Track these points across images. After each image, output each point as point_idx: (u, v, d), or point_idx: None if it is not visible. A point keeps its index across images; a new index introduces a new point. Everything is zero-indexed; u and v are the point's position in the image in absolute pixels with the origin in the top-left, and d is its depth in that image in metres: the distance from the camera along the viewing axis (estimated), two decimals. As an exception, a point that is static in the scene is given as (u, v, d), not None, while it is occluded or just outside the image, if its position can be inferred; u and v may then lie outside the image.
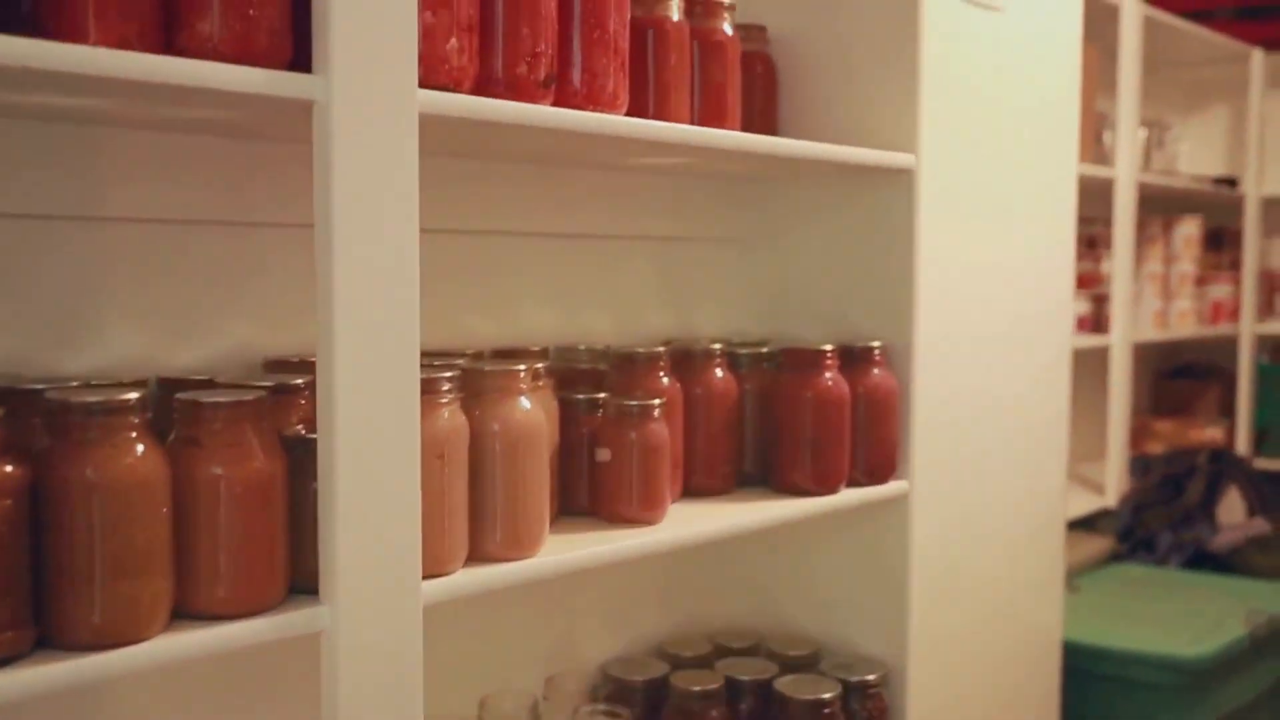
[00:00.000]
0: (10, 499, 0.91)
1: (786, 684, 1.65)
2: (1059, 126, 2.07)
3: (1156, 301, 3.79)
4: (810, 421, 1.59)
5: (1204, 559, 3.23)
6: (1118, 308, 3.40)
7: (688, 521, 1.45)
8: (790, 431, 1.60)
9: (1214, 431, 3.97)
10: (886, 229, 1.72)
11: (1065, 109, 2.09)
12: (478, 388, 1.24)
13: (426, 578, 1.15)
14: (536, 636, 1.69)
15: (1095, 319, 3.49)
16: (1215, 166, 4.20)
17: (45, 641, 0.95)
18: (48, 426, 0.97)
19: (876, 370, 1.66)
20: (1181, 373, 4.23)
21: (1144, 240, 3.75)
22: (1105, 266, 3.50)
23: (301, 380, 1.17)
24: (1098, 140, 3.55)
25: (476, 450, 1.22)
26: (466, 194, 1.56)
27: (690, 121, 1.50)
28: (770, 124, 1.78)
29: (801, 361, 1.60)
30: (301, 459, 1.09)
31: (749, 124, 1.67)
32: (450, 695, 1.53)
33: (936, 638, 1.79)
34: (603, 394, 1.46)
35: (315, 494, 1.09)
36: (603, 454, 1.41)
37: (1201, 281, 3.95)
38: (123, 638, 0.96)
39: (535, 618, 1.69)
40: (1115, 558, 3.26)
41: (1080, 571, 3.06)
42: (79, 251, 1.22)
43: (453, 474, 1.18)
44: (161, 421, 1.17)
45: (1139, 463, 3.61)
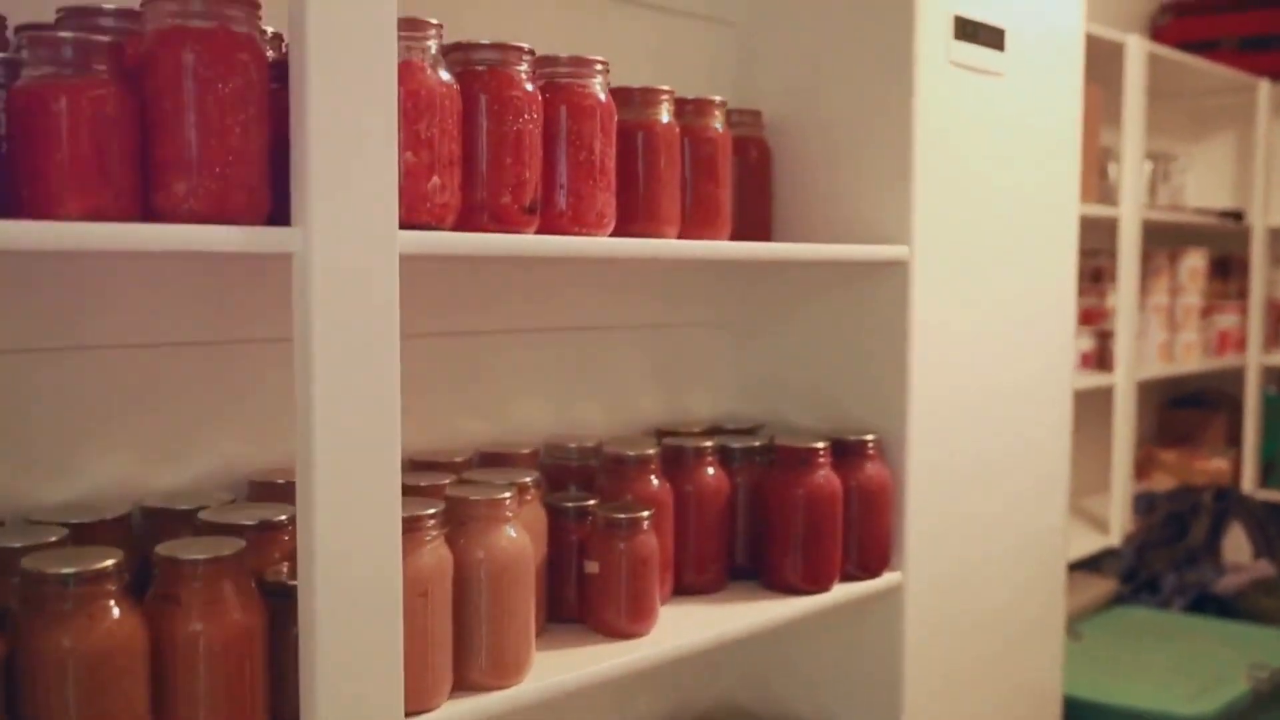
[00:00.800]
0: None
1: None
2: (1059, 175, 2.06)
3: (1162, 333, 3.76)
4: (802, 520, 1.58)
5: (1208, 601, 3.22)
6: (1122, 345, 3.37)
7: (678, 631, 1.44)
8: (782, 529, 1.59)
9: (1220, 462, 3.95)
10: (880, 317, 1.71)
11: (1066, 157, 2.08)
12: (462, 516, 1.24)
13: (410, 715, 1.15)
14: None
15: (1099, 355, 3.47)
16: (1222, 194, 4.17)
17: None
18: (23, 596, 0.97)
19: (870, 464, 1.65)
20: (1187, 401, 4.21)
21: (1150, 272, 3.72)
22: (1110, 301, 3.48)
23: (285, 516, 1.17)
24: (1102, 175, 3.52)
25: (461, 580, 1.22)
26: (452, 295, 1.55)
27: (681, 222, 1.50)
28: (764, 209, 1.77)
29: (793, 459, 1.59)
30: (282, 607, 1.09)
31: (742, 212, 1.66)
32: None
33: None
34: (591, 501, 1.45)
35: (296, 639, 1.09)
36: (591, 566, 1.40)
37: (1208, 312, 3.92)
38: (100, 806, 0.96)
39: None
40: (1118, 599, 3.25)
41: (1083, 616, 3.05)
42: (60, 381, 1.22)
43: (436, 610, 1.17)
44: (144, 545, 1.18)
45: (1143, 500, 3.59)
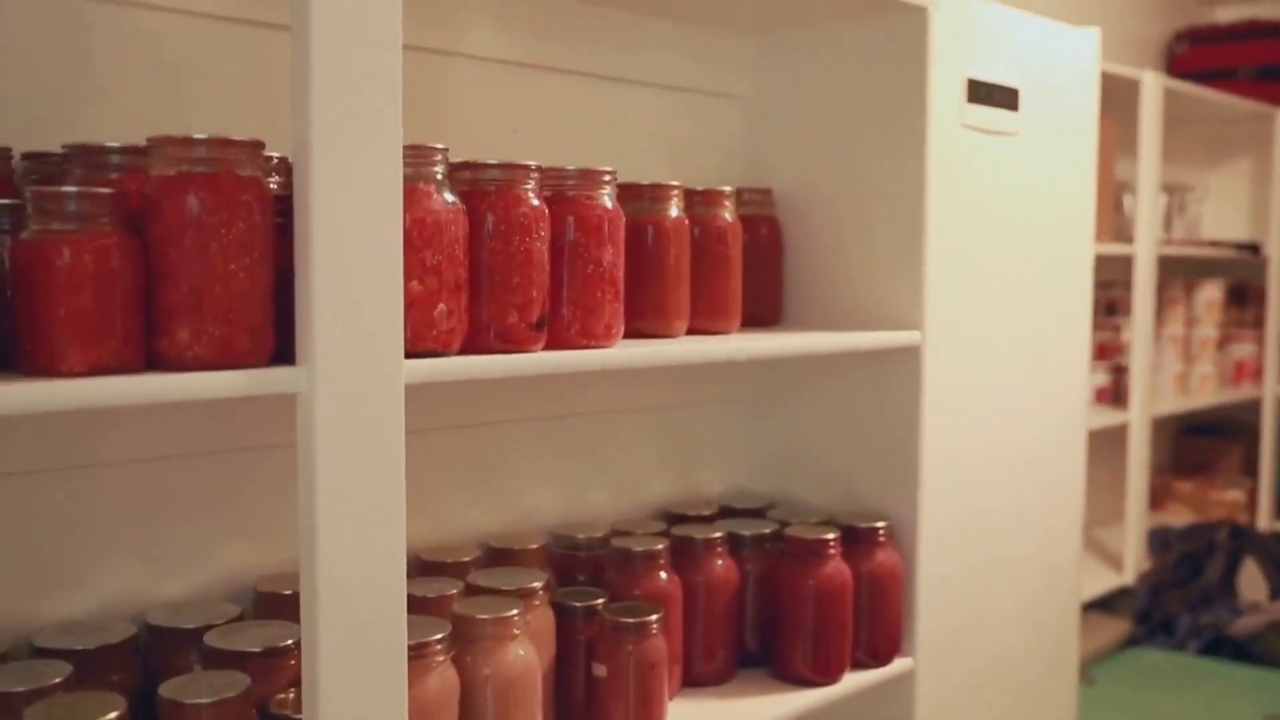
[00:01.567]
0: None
1: None
2: (1074, 223, 2.04)
3: (1177, 364, 3.74)
4: (812, 612, 1.57)
5: (1224, 643, 3.20)
6: (1137, 381, 3.35)
7: (686, 732, 1.44)
8: (791, 620, 1.58)
9: (1236, 493, 3.92)
10: (892, 397, 1.70)
11: (1081, 205, 2.06)
12: (470, 635, 1.23)
13: (416, 840, 1.14)
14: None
15: (1114, 390, 3.45)
16: (1238, 222, 4.14)
17: None
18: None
19: (880, 552, 1.64)
20: (1203, 430, 4.18)
21: (1165, 301, 3.70)
22: (1125, 334, 3.46)
23: (291, 640, 1.17)
24: (1117, 208, 3.49)
25: (467, 698, 1.21)
26: (458, 389, 1.54)
27: (691, 313, 1.49)
28: (775, 287, 1.76)
29: (803, 549, 1.58)
30: (287, 741, 1.08)
31: (752, 290, 1.65)
32: None
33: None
34: (599, 601, 1.44)
35: (302, 772, 1.08)
36: (599, 669, 1.40)
37: (1224, 342, 3.90)
38: None
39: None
40: (1132, 641, 3.23)
41: (1096, 660, 3.04)
42: (66, 499, 1.21)
43: (442, 733, 1.17)
44: (151, 667, 1.18)
45: (1157, 537, 3.57)
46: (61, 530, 1.21)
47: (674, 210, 1.46)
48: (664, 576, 1.50)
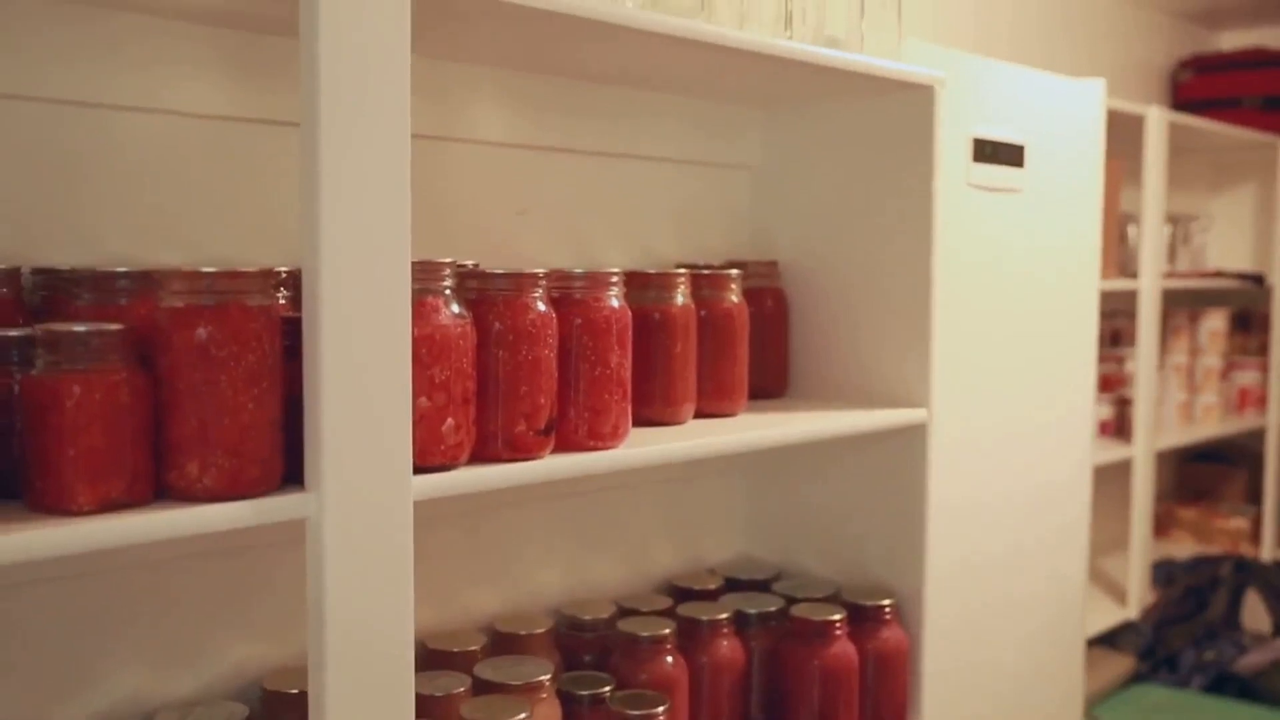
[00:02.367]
0: None
1: None
2: (1078, 267, 2.05)
3: (1181, 394, 3.74)
4: (818, 693, 1.57)
5: (1228, 680, 3.20)
6: (1141, 415, 3.35)
7: (692, 820, 1.44)
8: (797, 700, 1.58)
9: (1240, 521, 3.92)
10: (897, 472, 1.69)
11: (1085, 250, 2.06)
12: (477, 737, 1.23)
13: None
14: None
15: (1118, 423, 3.45)
16: (1243, 249, 4.13)
17: None
18: None
19: (886, 629, 1.64)
20: (1207, 456, 4.18)
21: (1170, 330, 3.70)
22: (1129, 366, 3.45)
23: (299, 747, 1.17)
24: (1122, 239, 3.49)
25: (475, 804, 1.21)
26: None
27: (698, 394, 1.49)
28: (781, 360, 1.76)
29: (809, 630, 1.58)
30: None
31: (758, 363, 1.65)
32: None
33: None
34: (606, 688, 1.44)
35: None
36: (606, 761, 1.40)
37: (1228, 370, 3.89)
38: None
39: None
40: (1136, 677, 3.23)
41: (1100, 697, 3.04)
42: (72, 604, 1.21)
43: (450, 843, 1.17)
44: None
45: (1161, 570, 3.57)
46: (67, 635, 1.21)
47: (680, 298, 1.46)
48: (670, 661, 1.50)
